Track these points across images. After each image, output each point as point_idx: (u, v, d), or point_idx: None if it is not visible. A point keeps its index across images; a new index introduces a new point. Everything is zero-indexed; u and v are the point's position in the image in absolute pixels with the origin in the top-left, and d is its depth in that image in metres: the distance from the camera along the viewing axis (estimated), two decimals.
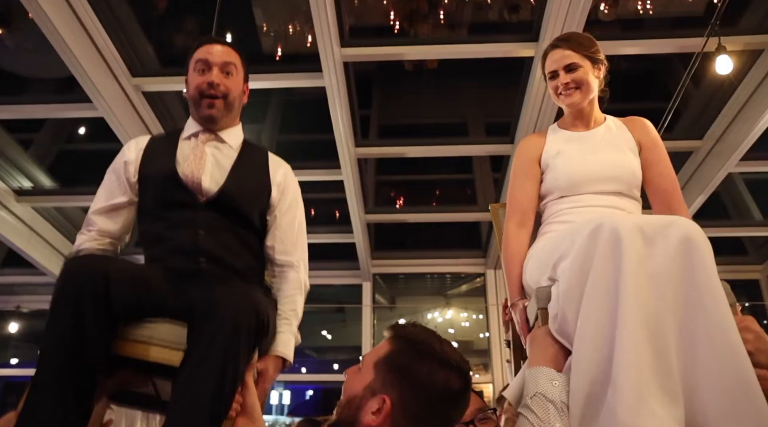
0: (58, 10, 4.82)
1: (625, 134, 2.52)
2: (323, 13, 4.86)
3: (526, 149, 2.59)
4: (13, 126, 6.98)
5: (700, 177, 6.52)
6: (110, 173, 2.38)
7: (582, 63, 2.48)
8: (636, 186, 2.41)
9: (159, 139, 2.43)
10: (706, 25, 4.63)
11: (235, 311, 1.88)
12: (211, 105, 2.31)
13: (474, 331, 9.93)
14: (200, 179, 2.23)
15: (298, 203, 2.49)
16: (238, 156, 2.37)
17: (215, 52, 2.37)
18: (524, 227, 2.45)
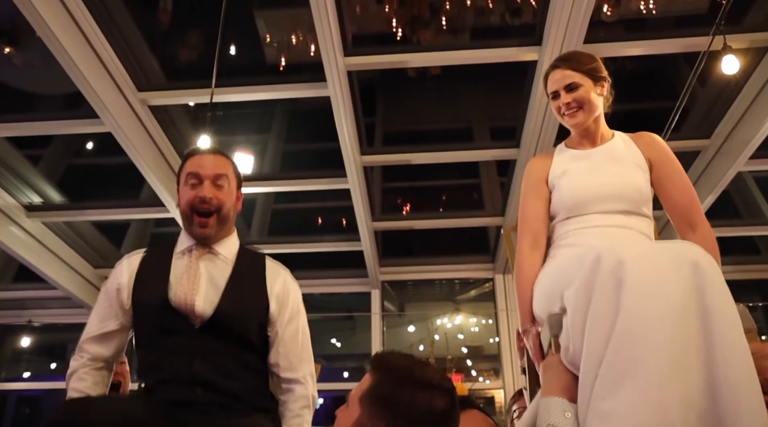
0: (64, 28, 4.85)
1: (632, 150, 2.48)
2: (326, 23, 4.88)
3: (534, 170, 2.58)
4: (22, 142, 7.02)
5: (709, 176, 6.49)
6: (103, 296, 2.32)
7: (582, 82, 2.45)
8: (644, 203, 2.37)
9: (152, 257, 2.35)
10: (710, 23, 4.62)
11: None
12: (203, 224, 2.26)
13: (484, 336, 9.89)
14: (193, 303, 2.16)
15: (299, 312, 2.39)
16: (233, 271, 2.29)
17: (206, 164, 2.31)
18: (537, 248, 2.42)
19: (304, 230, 9.24)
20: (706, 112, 6.42)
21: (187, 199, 2.27)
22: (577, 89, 2.45)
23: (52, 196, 7.64)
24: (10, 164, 7.00)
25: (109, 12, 5.34)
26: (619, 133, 2.56)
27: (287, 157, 8.42)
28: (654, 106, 7.48)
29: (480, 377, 9.41)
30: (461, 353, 9.59)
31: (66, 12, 4.84)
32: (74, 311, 9.18)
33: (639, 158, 2.44)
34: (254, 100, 6.20)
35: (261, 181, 7.41)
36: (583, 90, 2.44)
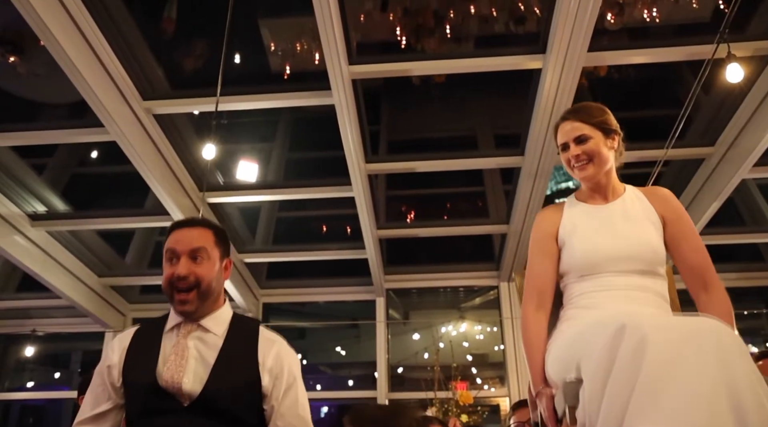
0: (69, 37, 4.87)
1: (646, 207, 2.43)
2: (330, 32, 4.89)
3: (543, 225, 2.52)
4: (27, 151, 7.03)
5: (713, 184, 6.49)
6: (96, 377, 2.27)
7: (592, 134, 2.41)
8: (659, 263, 2.31)
9: (142, 335, 2.31)
10: (713, 31, 4.62)
11: None
12: (183, 301, 2.19)
13: (489, 344, 9.87)
14: (180, 382, 2.10)
15: (296, 382, 2.31)
16: (222, 347, 2.22)
17: (182, 239, 2.25)
18: (542, 309, 2.37)
19: (309, 238, 9.25)
20: (710, 119, 6.41)
21: (165, 277, 2.22)
22: (587, 141, 2.41)
23: (57, 206, 7.65)
24: (14, 173, 7.01)
25: (114, 21, 5.36)
26: (630, 187, 2.52)
27: (292, 165, 8.43)
28: (658, 113, 7.48)
29: (485, 385, 9.39)
30: (466, 361, 9.56)
31: (71, 21, 4.86)
32: (78, 320, 9.18)
33: (653, 215, 2.40)
34: (259, 108, 6.22)
35: (265, 189, 7.42)
36: (593, 142, 2.40)
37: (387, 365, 8.80)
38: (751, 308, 9.01)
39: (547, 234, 2.48)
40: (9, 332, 9.77)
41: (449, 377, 7.48)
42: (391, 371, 8.96)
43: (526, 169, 6.45)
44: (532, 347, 2.31)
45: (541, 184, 6.60)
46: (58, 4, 4.70)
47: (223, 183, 7.29)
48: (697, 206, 6.83)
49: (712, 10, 5.94)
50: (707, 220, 6.82)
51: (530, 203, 6.91)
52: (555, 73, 5.24)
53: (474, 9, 6.47)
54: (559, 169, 9.59)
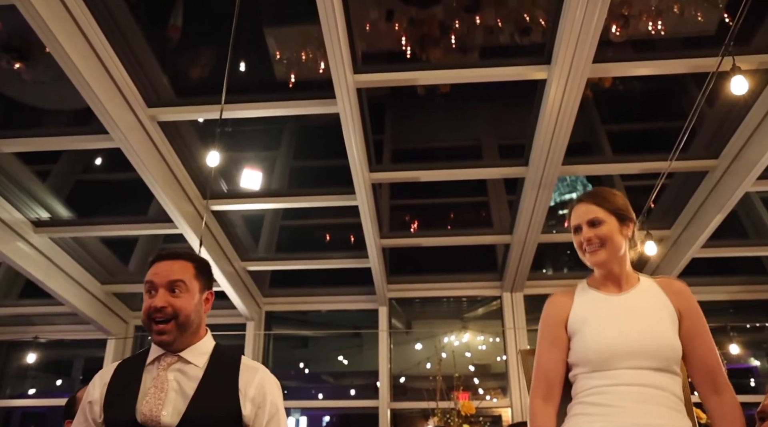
0: (75, 44, 4.88)
1: (663, 300, 2.33)
2: (336, 40, 4.90)
3: (552, 312, 2.43)
4: (31, 158, 7.04)
5: (716, 196, 6.47)
6: (79, 414, 2.28)
7: (607, 219, 2.36)
8: (676, 361, 2.22)
9: (123, 371, 2.31)
10: (718, 45, 4.61)
11: None
12: (160, 332, 2.19)
13: (491, 354, 9.84)
14: (159, 417, 2.10)
15: (279, 410, 2.28)
16: (203, 377, 2.22)
17: (160, 271, 2.25)
18: (550, 400, 2.31)
19: (312, 247, 9.24)
20: (714, 132, 6.41)
21: (143, 310, 2.23)
22: (600, 225, 2.35)
23: (60, 212, 7.65)
24: (18, 179, 7.01)
25: (120, 28, 5.38)
26: (644, 277, 2.44)
27: (295, 174, 8.44)
28: (662, 125, 7.49)
29: (487, 395, 9.36)
30: (468, 371, 9.54)
31: (76, 28, 4.88)
32: (81, 327, 9.17)
33: (669, 309, 2.31)
34: (263, 116, 6.22)
35: (269, 197, 7.42)
36: (607, 227, 2.35)
37: (389, 375, 8.78)
38: (754, 322, 8.98)
39: (556, 322, 2.40)
40: (11, 339, 9.76)
41: (451, 387, 7.47)
42: (394, 380, 8.93)
43: (530, 180, 6.45)
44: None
45: (544, 194, 6.59)
46: (64, 11, 4.72)
47: (226, 191, 7.29)
48: (701, 219, 6.82)
49: (717, 23, 5.95)
50: (710, 232, 6.81)
51: (534, 214, 6.91)
52: (560, 84, 5.24)
53: (479, 20, 6.48)
54: (563, 180, 9.59)
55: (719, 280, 8.48)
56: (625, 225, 2.38)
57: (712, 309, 8.61)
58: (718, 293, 8.50)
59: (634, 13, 6.02)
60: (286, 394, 10.41)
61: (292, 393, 10.59)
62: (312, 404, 10.41)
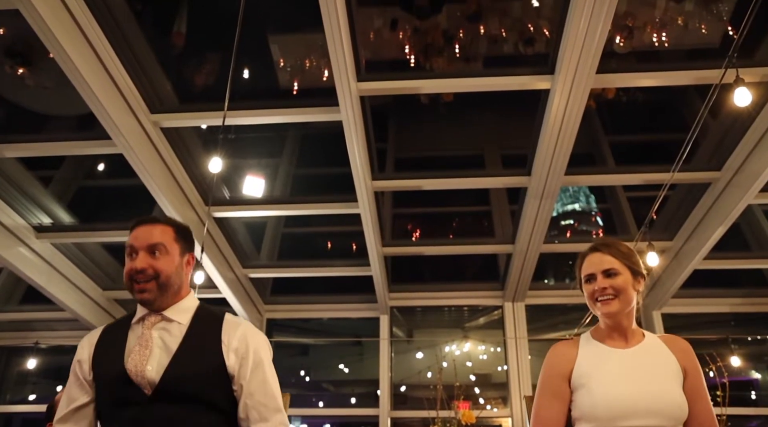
0: (78, 49, 4.89)
1: (668, 356, 2.32)
2: (339, 49, 4.90)
3: (556, 362, 2.40)
4: (34, 163, 7.06)
5: (719, 208, 6.46)
6: (71, 375, 2.32)
7: (622, 271, 2.34)
8: (682, 420, 2.20)
9: (111, 331, 2.37)
10: (722, 57, 4.61)
11: None
12: (141, 290, 2.24)
13: (492, 364, 9.81)
14: (144, 371, 2.14)
15: (264, 360, 2.30)
16: (186, 334, 2.26)
17: (140, 236, 2.31)
18: None
19: (314, 254, 9.23)
20: (717, 144, 6.41)
21: (125, 272, 2.28)
22: (616, 277, 2.33)
23: (62, 218, 7.66)
24: (20, 185, 7.02)
25: (124, 34, 5.39)
26: (648, 334, 2.42)
27: (298, 181, 8.44)
28: (665, 137, 7.49)
29: (487, 405, 9.32)
30: (469, 381, 9.51)
31: (80, 33, 4.89)
32: (82, 333, 9.08)
33: (675, 367, 2.30)
34: (266, 123, 6.23)
35: (271, 204, 7.42)
36: (622, 279, 2.33)
37: (390, 384, 8.76)
38: (755, 334, 8.95)
39: (559, 374, 2.37)
40: (12, 345, 9.74)
41: (452, 396, 7.44)
42: (394, 389, 8.91)
43: (533, 190, 6.44)
44: None
45: (547, 205, 6.59)
46: (68, 16, 4.73)
47: (229, 197, 7.29)
48: (703, 231, 6.81)
49: (721, 35, 5.95)
50: (713, 244, 6.79)
51: (536, 224, 6.90)
52: (563, 94, 5.24)
53: (483, 29, 6.49)
54: (565, 190, 9.59)
55: (721, 292, 8.45)
56: (637, 280, 2.37)
57: (714, 321, 8.59)
58: (720, 305, 8.47)
59: (638, 24, 6.03)
60: None
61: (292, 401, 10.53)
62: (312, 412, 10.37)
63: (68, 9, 4.70)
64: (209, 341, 2.26)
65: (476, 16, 6.39)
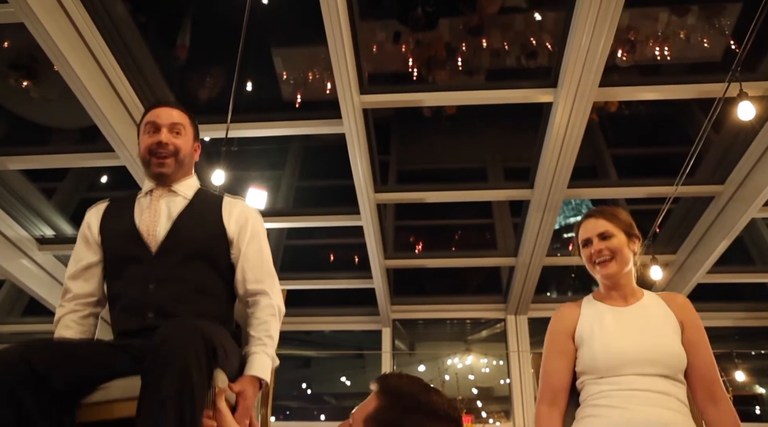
0: (83, 62, 4.91)
1: (666, 313, 2.43)
2: (343, 62, 4.91)
3: (560, 322, 2.53)
4: (37, 175, 7.07)
5: (722, 222, 6.45)
6: (79, 238, 2.47)
7: (616, 233, 2.46)
8: (681, 370, 2.30)
9: (118, 201, 2.51)
10: (724, 71, 4.63)
11: (180, 345, 1.85)
12: (161, 163, 2.40)
13: (494, 377, 9.78)
14: (151, 231, 2.31)
15: (261, 234, 2.49)
16: (190, 202, 2.44)
17: (163, 114, 2.46)
18: (556, 406, 2.39)
19: (316, 267, 9.22)
20: (720, 157, 6.39)
21: (145, 145, 2.42)
22: (611, 238, 2.45)
23: (65, 230, 7.66)
24: (23, 197, 7.02)
25: (127, 46, 5.40)
26: (647, 292, 2.53)
27: (301, 194, 8.44)
28: (667, 151, 7.49)
29: (490, 418, 9.28)
30: (471, 394, 9.47)
31: (84, 46, 4.90)
32: None
33: (673, 321, 2.40)
34: (269, 136, 6.23)
35: (274, 216, 7.41)
36: (617, 241, 2.45)
37: None
38: (759, 349, 8.92)
39: (563, 333, 2.49)
40: None
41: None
42: None
43: (535, 203, 6.44)
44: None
45: (550, 217, 6.58)
46: (73, 30, 4.75)
47: None
48: (706, 244, 6.79)
49: (723, 49, 5.96)
50: (716, 258, 6.78)
51: (539, 236, 6.89)
52: (566, 107, 5.24)
53: (486, 42, 6.51)
54: (567, 203, 9.58)
55: (724, 306, 8.42)
56: (632, 241, 2.49)
57: (717, 335, 8.55)
58: (724, 319, 8.44)
59: (640, 38, 6.04)
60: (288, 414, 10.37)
61: (293, 414, 10.53)
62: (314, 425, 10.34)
63: (72, 22, 4.71)
64: (211, 210, 2.44)
65: (477, 29, 6.41)
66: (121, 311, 2.26)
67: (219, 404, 1.97)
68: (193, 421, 1.79)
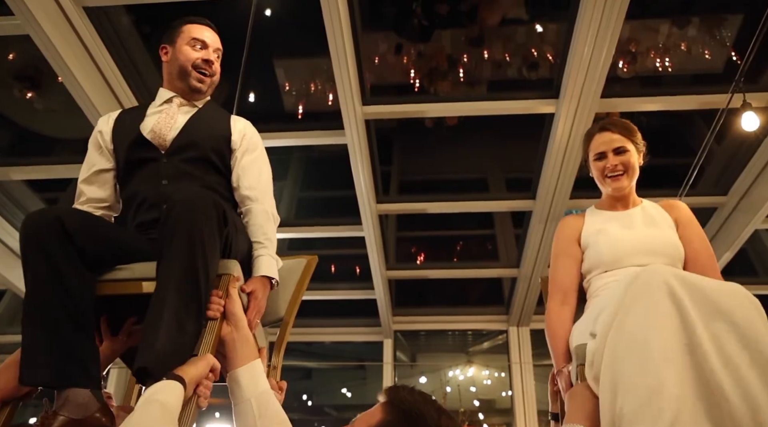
0: (87, 73, 4.93)
1: (662, 214, 2.60)
2: (345, 73, 4.93)
3: (566, 230, 2.66)
4: (40, 186, 7.07)
5: (726, 233, 6.44)
6: (90, 145, 2.57)
7: (629, 147, 2.56)
8: (680, 260, 2.44)
9: (130, 110, 2.67)
10: (725, 82, 4.64)
11: (190, 202, 1.97)
12: (202, 80, 2.55)
13: (496, 389, 9.75)
14: (166, 135, 2.43)
15: (257, 148, 2.63)
16: (199, 109, 2.58)
17: (212, 37, 2.62)
18: (566, 304, 2.47)
19: (317, 277, 9.16)
20: (722, 169, 6.39)
21: (191, 57, 2.53)
22: (625, 153, 2.55)
23: None
24: (26, 207, 7.03)
25: (131, 57, 5.42)
26: (646, 200, 2.68)
27: (302, 204, 8.44)
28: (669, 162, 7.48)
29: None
30: (473, 407, 9.44)
31: (89, 57, 4.92)
32: None
33: (668, 220, 2.57)
34: (272, 146, 6.23)
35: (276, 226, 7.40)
36: (630, 155, 2.56)
37: None
38: None
39: (570, 238, 2.63)
40: None
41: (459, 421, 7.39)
42: None
43: (538, 214, 6.44)
44: (556, 337, 2.39)
45: (552, 228, 6.57)
46: (78, 41, 4.77)
47: None
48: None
49: (724, 61, 5.96)
50: (719, 270, 6.75)
51: (541, 248, 6.88)
52: (568, 118, 5.26)
53: (487, 54, 6.52)
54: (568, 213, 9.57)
55: None
56: (640, 155, 2.65)
57: None
58: None
59: (641, 49, 6.05)
60: None
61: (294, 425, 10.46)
62: None
63: (77, 33, 4.73)
64: (219, 118, 2.60)
65: (478, 40, 6.42)
66: (137, 207, 2.37)
67: (231, 290, 2.06)
68: (205, 271, 1.90)
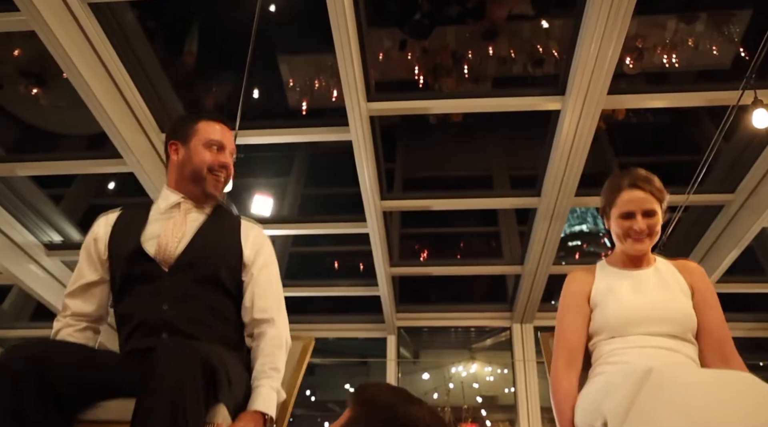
0: (92, 70, 4.92)
1: (677, 277, 2.45)
2: (350, 69, 4.91)
3: (575, 285, 2.54)
4: (45, 182, 7.08)
5: (732, 231, 6.41)
6: (82, 252, 2.39)
7: (658, 210, 2.42)
8: (691, 330, 2.32)
9: (128, 213, 2.46)
10: (733, 78, 4.61)
11: (175, 362, 1.79)
12: (218, 183, 2.43)
13: (499, 386, 9.76)
14: (171, 248, 2.25)
15: (273, 262, 2.48)
16: (208, 217, 2.42)
17: (227, 137, 2.50)
18: (573, 366, 2.37)
19: (321, 274, 9.21)
20: (730, 166, 6.35)
21: (208, 160, 2.40)
22: (654, 217, 2.41)
23: (73, 235, 7.66)
24: (31, 203, 7.03)
25: (136, 54, 5.41)
26: (660, 258, 2.55)
27: (306, 201, 8.44)
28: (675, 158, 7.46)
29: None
30: (476, 403, 9.44)
31: (94, 54, 4.91)
32: None
33: (683, 284, 2.42)
34: (276, 143, 6.22)
35: (279, 223, 7.40)
36: (658, 219, 2.42)
37: None
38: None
39: (579, 295, 2.49)
40: None
41: (459, 418, 7.39)
42: None
43: (542, 211, 6.41)
44: (562, 404, 2.29)
45: (557, 226, 6.55)
46: (83, 38, 4.76)
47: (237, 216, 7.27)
48: (716, 254, 6.75)
49: (732, 57, 5.95)
50: (726, 268, 6.73)
51: (545, 245, 6.86)
52: (574, 115, 5.23)
53: (492, 50, 6.51)
54: (572, 211, 9.56)
55: (734, 316, 8.36)
56: (664, 216, 2.50)
57: None
58: (733, 329, 8.17)
59: (648, 45, 6.03)
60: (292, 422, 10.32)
61: (297, 421, 10.50)
62: None
63: (82, 30, 4.72)
64: (230, 228, 2.44)
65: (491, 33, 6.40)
66: (133, 330, 2.19)
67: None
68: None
